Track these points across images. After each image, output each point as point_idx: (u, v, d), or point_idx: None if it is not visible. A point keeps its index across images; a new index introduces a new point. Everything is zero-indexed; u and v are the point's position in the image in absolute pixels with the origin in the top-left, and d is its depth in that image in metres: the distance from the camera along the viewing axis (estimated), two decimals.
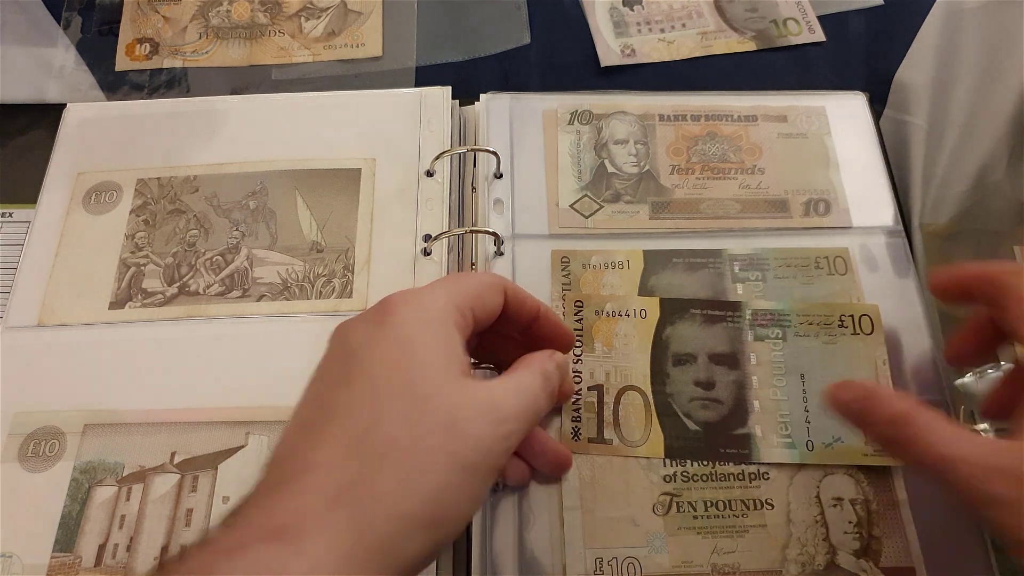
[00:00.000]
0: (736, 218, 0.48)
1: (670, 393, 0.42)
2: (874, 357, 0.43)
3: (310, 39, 0.55)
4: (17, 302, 0.45)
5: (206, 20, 0.56)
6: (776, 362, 0.43)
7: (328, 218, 0.48)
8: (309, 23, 0.55)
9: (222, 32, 0.55)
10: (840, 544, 0.39)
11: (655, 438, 0.41)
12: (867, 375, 0.43)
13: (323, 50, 0.55)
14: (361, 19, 0.56)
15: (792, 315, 0.44)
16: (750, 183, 0.49)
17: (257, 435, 0.42)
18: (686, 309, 0.44)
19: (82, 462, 0.41)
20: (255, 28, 0.55)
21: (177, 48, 0.55)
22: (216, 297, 0.46)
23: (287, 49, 0.54)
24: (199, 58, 0.54)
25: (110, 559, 0.39)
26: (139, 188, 0.49)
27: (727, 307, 0.45)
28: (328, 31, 0.55)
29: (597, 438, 0.41)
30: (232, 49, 0.55)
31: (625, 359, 0.43)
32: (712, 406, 0.42)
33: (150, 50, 0.55)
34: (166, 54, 0.55)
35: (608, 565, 0.38)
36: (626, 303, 0.45)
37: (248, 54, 0.55)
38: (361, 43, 0.55)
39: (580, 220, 0.48)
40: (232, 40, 0.55)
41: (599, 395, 0.42)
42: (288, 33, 0.55)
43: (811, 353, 0.43)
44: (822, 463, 0.41)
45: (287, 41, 0.55)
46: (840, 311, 0.44)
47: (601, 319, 0.44)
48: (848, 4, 0.58)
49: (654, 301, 0.45)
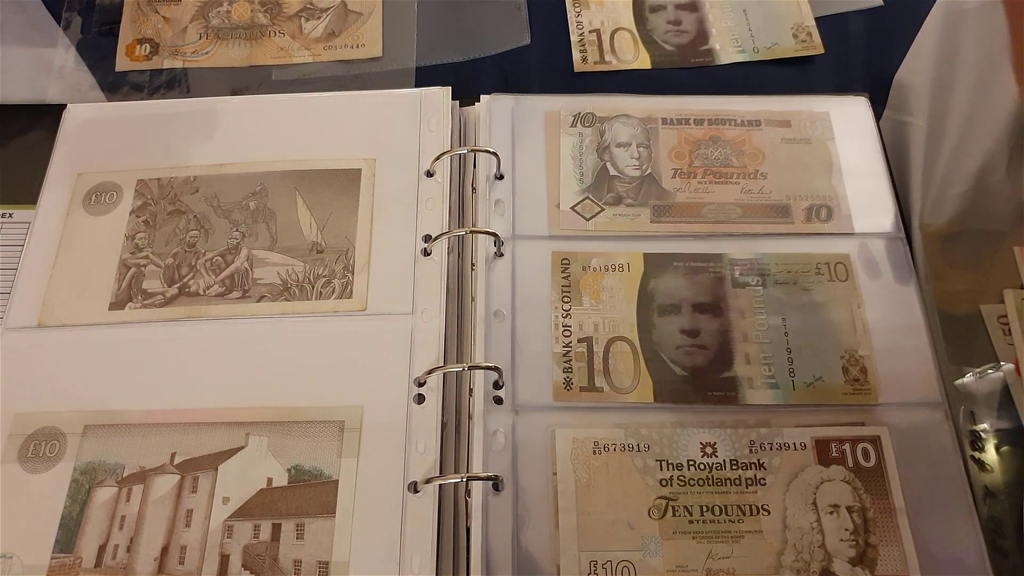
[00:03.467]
0: (737, 223, 0.48)
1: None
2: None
3: (310, 39, 0.55)
4: (17, 303, 0.45)
5: (206, 20, 0.56)
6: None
7: (328, 218, 0.48)
8: (309, 23, 0.55)
9: (222, 32, 0.55)
10: (836, 551, 0.39)
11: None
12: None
13: (323, 51, 0.55)
14: (361, 20, 0.55)
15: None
16: (752, 188, 0.49)
17: (257, 435, 0.42)
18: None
19: (82, 463, 0.41)
20: (255, 28, 0.55)
21: (177, 48, 0.55)
22: (216, 298, 0.46)
23: (287, 49, 0.54)
24: (199, 58, 0.54)
25: (110, 559, 0.39)
26: (139, 189, 0.49)
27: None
28: (328, 31, 0.55)
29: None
30: (232, 49, 0.54)
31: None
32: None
33: (150, 50, 0.55)
34: (166, 54, 0.55)
35: (603, 568, 0.38)
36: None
37: (248, 54, 0.55)
38: (361, 43, 0.54)
39: (581, 222, 0.48)
40: (232, 40, 0.55)
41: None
42: (288, 33, 0.55)
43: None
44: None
45: (287, 41, 0.55)
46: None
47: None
48: (848, 5, 0.58)
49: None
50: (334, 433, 0.41)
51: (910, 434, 0.41)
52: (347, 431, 0.41)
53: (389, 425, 0.41)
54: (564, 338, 0.44)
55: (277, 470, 0.41)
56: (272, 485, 0.41)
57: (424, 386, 0.42)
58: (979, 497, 0.40)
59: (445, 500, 0.40)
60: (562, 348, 0.44)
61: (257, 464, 0.41)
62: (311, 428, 0.42)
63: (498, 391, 0.42)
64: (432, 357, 0.43)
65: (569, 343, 0.44)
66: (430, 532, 0.39)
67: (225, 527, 0.40)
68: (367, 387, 0.43)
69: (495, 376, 0.43)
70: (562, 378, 0.43)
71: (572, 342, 0.44)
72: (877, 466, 0.41)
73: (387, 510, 0.39)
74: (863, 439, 0.41)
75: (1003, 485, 0.41)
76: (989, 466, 0.41)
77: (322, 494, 0.40)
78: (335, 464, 0.41)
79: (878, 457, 0.41)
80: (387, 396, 0.42)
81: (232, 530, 0.40)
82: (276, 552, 0.39)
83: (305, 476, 0.41)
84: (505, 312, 0.45)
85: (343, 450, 0.41)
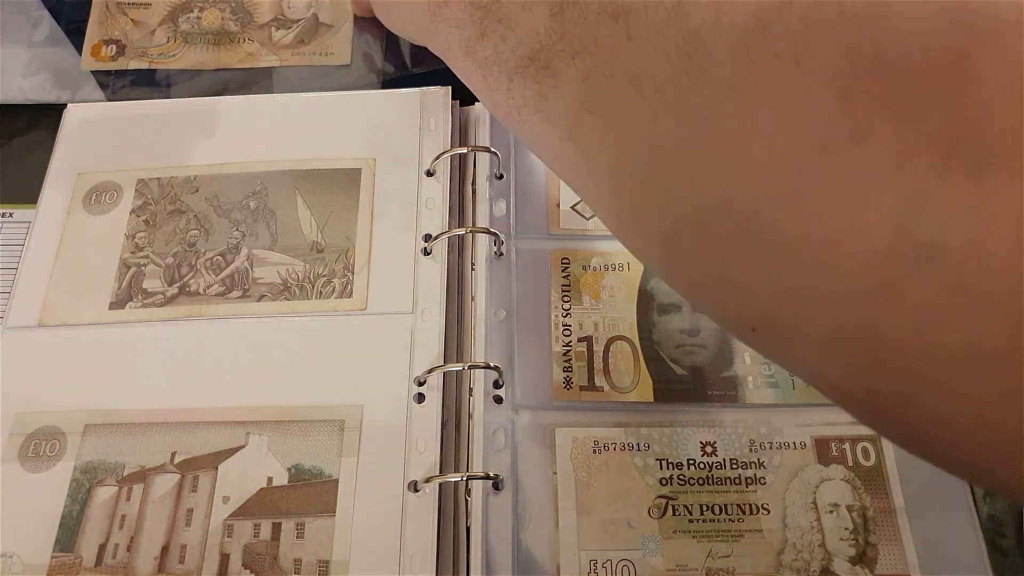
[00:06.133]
0: None
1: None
2: None
3: (279, 46, 0.55)
4: (17, 302, 0.45)
5: (175, 25, 0.56)
6: None
7: (328, 218, 0.48)
8: (279, 32, 0.55)
9: (191, 37, 0.55)
10: (836, 551, 0.39)
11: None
12: None
13: (291, 56, 0.55)
14: (332, 31, 0.55)
15: None
16: None
17: (257, 435, 0.42)
18: None
19: (83, 462, 0.41)
20: (224, 35, 0.55)
21: (144, 50, 0.55)
22: (216, 297, 0.46)
23: (255, 54, 0.54)
24: (165, 60, 0.54)
25: (111, 559, 0.39)
26: (139, 188, 0.49)
27: None
28: (298, 40, 0.55)
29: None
30: (199, 53, 0.54)
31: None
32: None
33: (116, 51, 0.54)
34: (132, 55, 0.55)
35: (603, 567, 0.38)
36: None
37: (215, 58, 0.55)
38: (330, 52, 0.55)
39: (581, 221, 0.48)
40: (200, 45, 0.55)
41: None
42: (257, 40, 0.55)
43: None
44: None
45: (255, 47, 0.55)
46: None
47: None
48: None
49: None
50: (334, 432, 0.41)
51: None
52: (347, 430, 0.41)
53: (389, 424, 0.41)
54: (564, 337, 0.44)
55: (277, 469, 0.41)
56: (272, 484, 0.41)
57: (424, 385, 0.42)
58: (979, 496, 0.40)
59: (445, 499, 0.40)
60: (562, 347, 0.44)
61: (257, 463, 0.41)
62: (311, 427, 0.42)
63: (498, 390, 0.42)
64: (432, 356, 0.43)
65: (569, 342, 0.44)
66: (430, 531, 0.39)
67: (225, 526, 0.40)
68: (367, 386, 0.43)
69: (495, 375, 0.43)
70: (562, 377, 0.43)
71: (572, 341, 0.44)
72: (877, 465, 0.41)
73: (387, 509, 0.39)
74: (863, 438, 0.41)
75: None
76: None
77: (322, 493, 0.40)
78: (335, 463, 0.41)
79: (878, 456, 0.41)
80: (387, 395, 0.42)
81: (232, 529, 0.40)
82: (276, 551, 0.39)
83: (305, 475, 0.41)
84: (505, 311, 0.45)
85: (343, 449, 0.41)
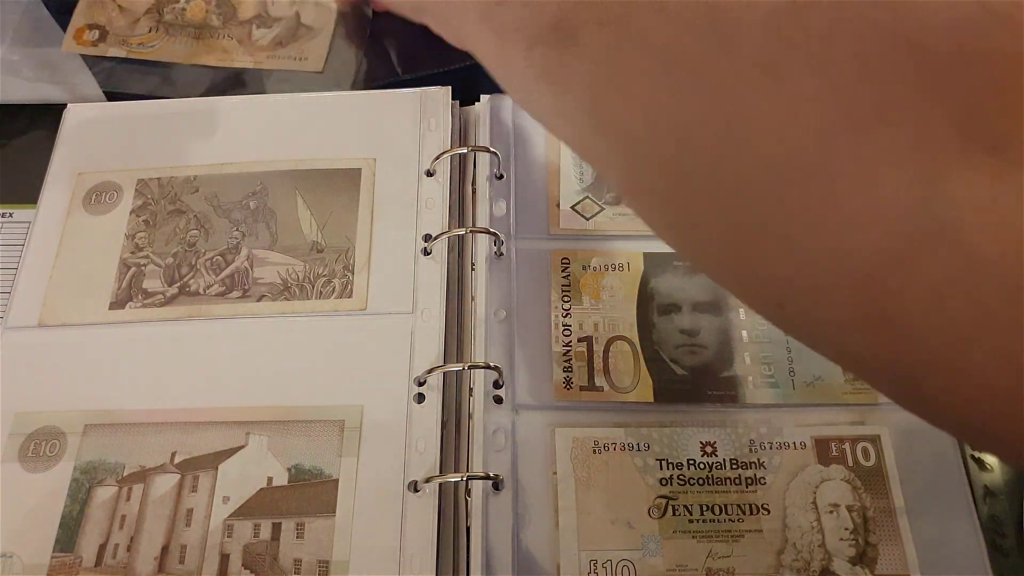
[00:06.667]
0: None
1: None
2: None
3: (255, 47, 0.55)
4: (18, 302, 0.45)
5: (160, 15, 0.56)
6: None
7: (328, 218, 0.48)
8: (260, 31, 0.55)
9: (172, 29, 0.55)
10: (836, 551, 0.39)
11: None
12: None
13: (265, 59, 0.55)
14: (312, 34, 0.55)
15: None
16: None
17: (257, 435, 0.42)
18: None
19: (82, 462, 0.41)
20: (205, 29, 0.56)
21: (125, 38, 0.55)
22: (216, 297, 0.46)
23: (230, 52, 0.55)
24: (143, 51, 0.54)
25: (110, 559, 0.39)
26: (139, 188, 0.49)
27: None
28: (276, 41, 0.55)
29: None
30: (177, 46, 0.55)
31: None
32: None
33: (98, 37, 0.55)
34: (113, 42, 0.55)
35: (603, 567, 0.38)
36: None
37: (191, 53, 0.55)
38: (304, 57, 0.55)
39: (581, 221, 0.48)
40: (179, 38, 0.55)
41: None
42: (236, 38, 0.55)
43: None
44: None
45: (233, 45, 0.55)
46: None
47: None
48: None
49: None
50: (334, 432, 0.41)
51: (910, 433, 0.41)
52: (347, 430, 0.41)
53: (389, 424, 0.41)
54: (564, 337, 0.44)
55: (277, 469, 0.41)
56: (272, 484, 0.41)
57: (424, 385, 0.42)
58: (979, 496, 0.40)
59: (445, 499, 0.40)
60: (562, 347, 0.44)
61: (257, 463, 0.41)
62: (311, 427, 0.42)
63: (498, 390, 0.42)
64: (432, 356, 0.43)
65: (569, 342, 0.44)
66: (430, 531, 0.39)
67: (225, 526, 0.40)
68: (367, 386, 0.43)
69: (495, 375, 0.43)
70: (562, 377, 0.43)
71: (572, 341, 0.44)
72: (877, 465, 0.41)
73: (387, 509, 0.39)
74: (863, 438, 0.41)
75: (1003, 484, 0.41)
76: (989, 465, 0.41)
77: (322, 493, 0.40)
78: (335, 463, 0.41)
79: (878, 456, 0.41)
80: (387, 395, 0.42)
81: (232, 529, 0.40)
82: (276, 551, 0.39)
83: (305, 475, 0.41)
84: (505, 312, 0.45)
85: (343, 449, 0.41)
